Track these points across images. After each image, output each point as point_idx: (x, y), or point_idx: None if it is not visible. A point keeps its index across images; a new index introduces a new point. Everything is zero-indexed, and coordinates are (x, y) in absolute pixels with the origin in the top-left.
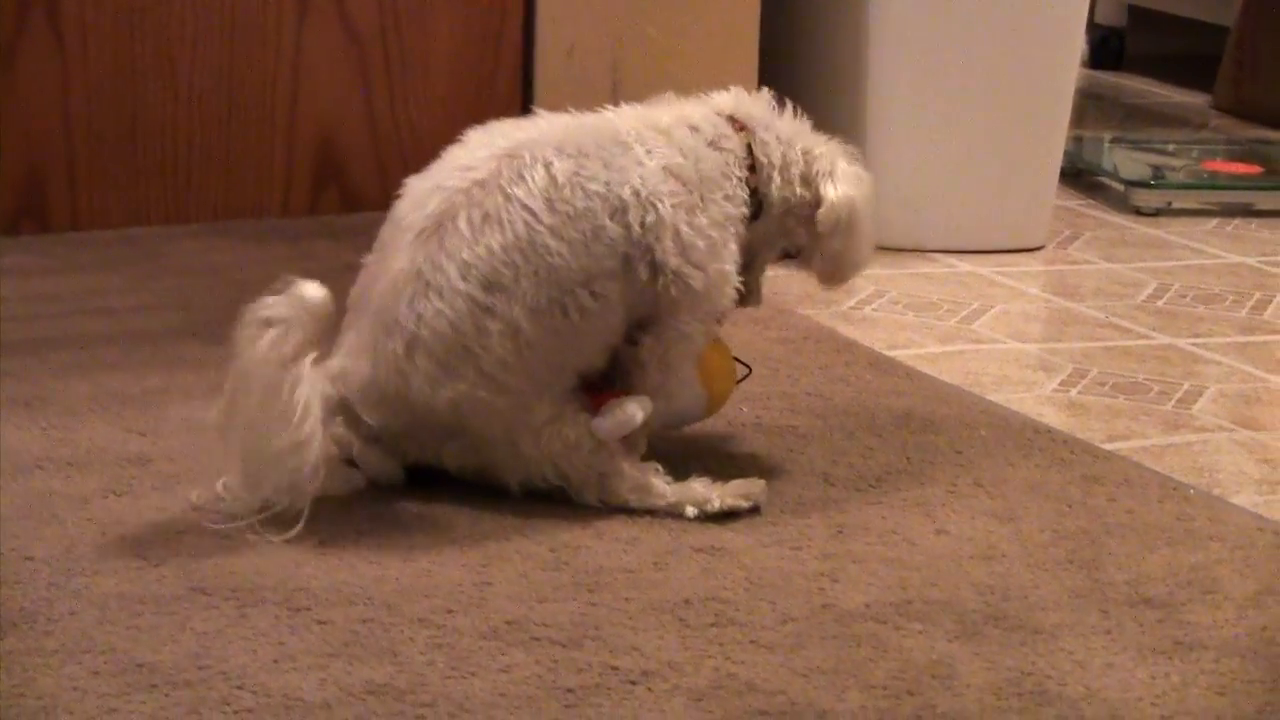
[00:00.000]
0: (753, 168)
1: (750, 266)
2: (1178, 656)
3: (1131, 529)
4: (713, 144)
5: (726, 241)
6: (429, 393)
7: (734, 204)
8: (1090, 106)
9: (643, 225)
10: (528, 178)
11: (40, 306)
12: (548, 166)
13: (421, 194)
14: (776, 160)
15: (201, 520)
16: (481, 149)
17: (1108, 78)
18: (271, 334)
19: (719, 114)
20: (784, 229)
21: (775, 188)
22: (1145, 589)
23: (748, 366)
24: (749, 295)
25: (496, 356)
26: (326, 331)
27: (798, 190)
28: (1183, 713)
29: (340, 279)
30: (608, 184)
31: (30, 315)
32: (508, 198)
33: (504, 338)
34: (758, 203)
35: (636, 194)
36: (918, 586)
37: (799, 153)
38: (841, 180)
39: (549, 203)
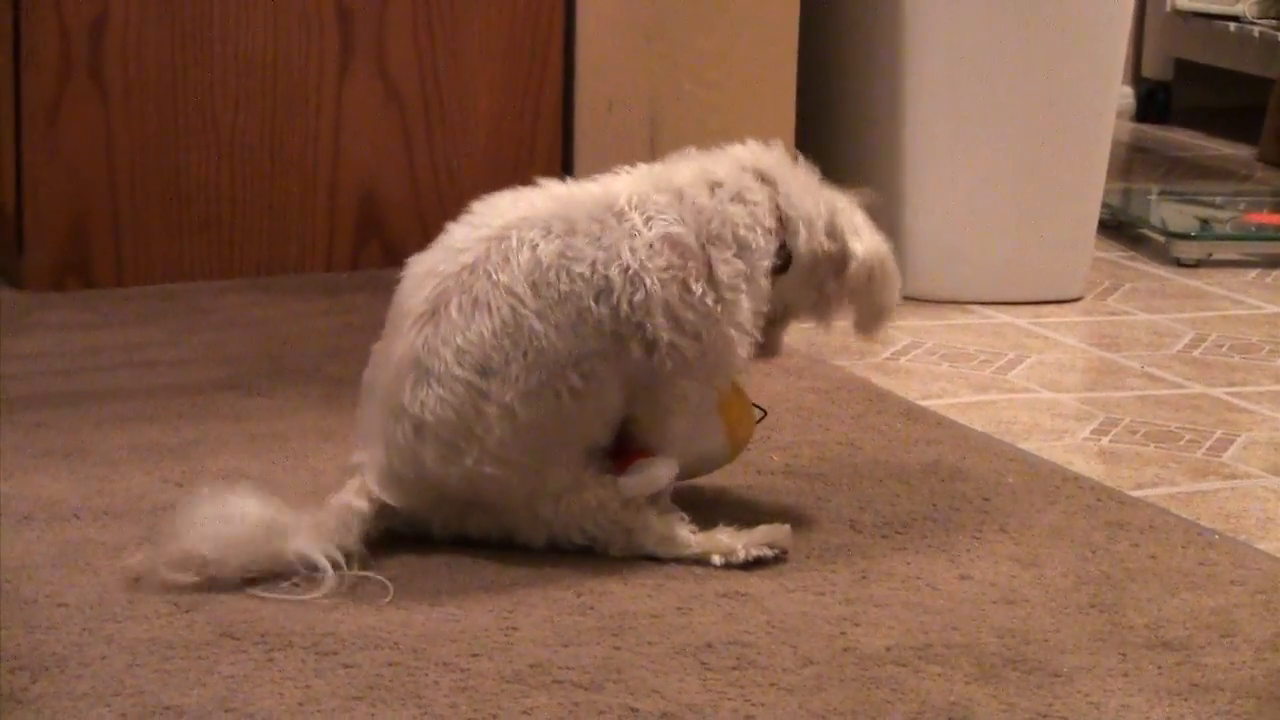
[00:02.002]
0: (780, 221)
1: (778, 320)
2: (1194, 698)
3: (1153, 574)
4: (737, 198)
5: (735, 301)
6: (441, 470)
7: (751, 259)
8: (1137, 159)
9: (631, 304)
10: (513, 261)
11: (82, 360)
12: (533, 248)
13: (418, 278)
14: (803, 213)
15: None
16: (475, 229)
17: (1154, 130)
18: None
19: (742, 168)
20: (813, 281)
21: (803, 241)
22: (1164, 632)
23: (763, 410)
24: (769, 347)
25: (497, 437)
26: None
27: (825, 243)
28: None
29: (381, 333)
30: (593, 264)
31: (72, 369)
32: (494, 283)
33: (501, 420)
34: (786, 256)
35: (624, 271)
36: (938, 630)
37: (822, 205)
38: (865, 233)
39: (534, 286)
